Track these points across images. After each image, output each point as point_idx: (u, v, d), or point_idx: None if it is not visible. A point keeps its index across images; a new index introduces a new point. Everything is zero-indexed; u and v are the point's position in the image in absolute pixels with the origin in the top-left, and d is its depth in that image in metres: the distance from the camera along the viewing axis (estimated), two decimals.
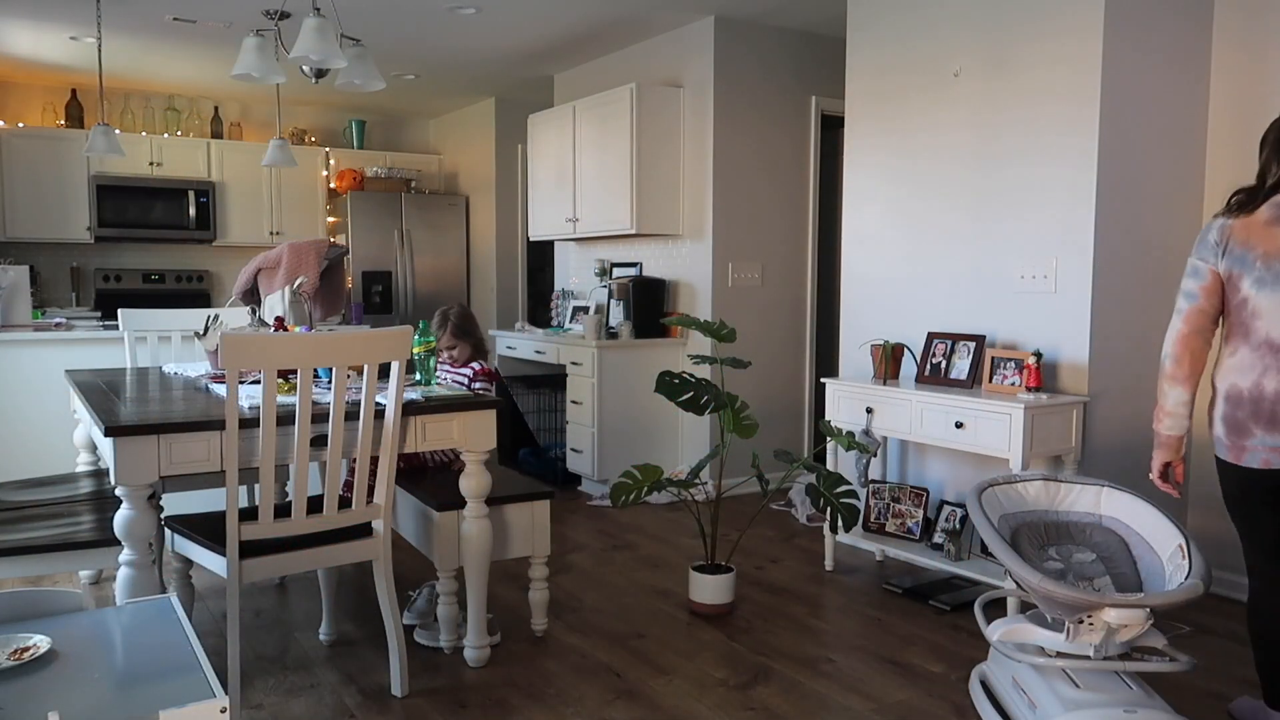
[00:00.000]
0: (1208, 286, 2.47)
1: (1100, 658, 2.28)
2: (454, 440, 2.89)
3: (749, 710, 2.74)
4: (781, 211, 5.47)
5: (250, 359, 2.42)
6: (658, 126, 5.33)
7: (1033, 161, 3.53)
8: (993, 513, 2.53)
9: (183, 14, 5.08)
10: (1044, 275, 3.51)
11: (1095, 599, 2.22)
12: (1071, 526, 2.58)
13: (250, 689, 2.85)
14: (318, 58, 3.33)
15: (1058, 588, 2.22)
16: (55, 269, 6.96)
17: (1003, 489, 2.62)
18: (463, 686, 2.88)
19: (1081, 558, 2.51)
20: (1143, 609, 2.20)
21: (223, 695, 1.33)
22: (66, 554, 2.64)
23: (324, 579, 3.19)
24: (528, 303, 7.65)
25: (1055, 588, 2.22)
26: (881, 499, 3.90)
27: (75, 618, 1.67)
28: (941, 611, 3.52)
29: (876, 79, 4.17)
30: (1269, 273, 2.37)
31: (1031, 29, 3.51)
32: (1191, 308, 2.49)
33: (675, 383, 3.55)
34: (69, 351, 4.42)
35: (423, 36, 5.57)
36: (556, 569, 3.98)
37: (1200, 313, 2.48)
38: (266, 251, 4.36)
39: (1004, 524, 2.55)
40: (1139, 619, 2.22)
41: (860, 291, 4.31)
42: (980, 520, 2.44)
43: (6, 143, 6.53)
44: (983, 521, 2.44)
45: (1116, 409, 3.50)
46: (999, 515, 2.56)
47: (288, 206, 7.51)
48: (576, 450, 5.36)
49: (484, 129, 7.58)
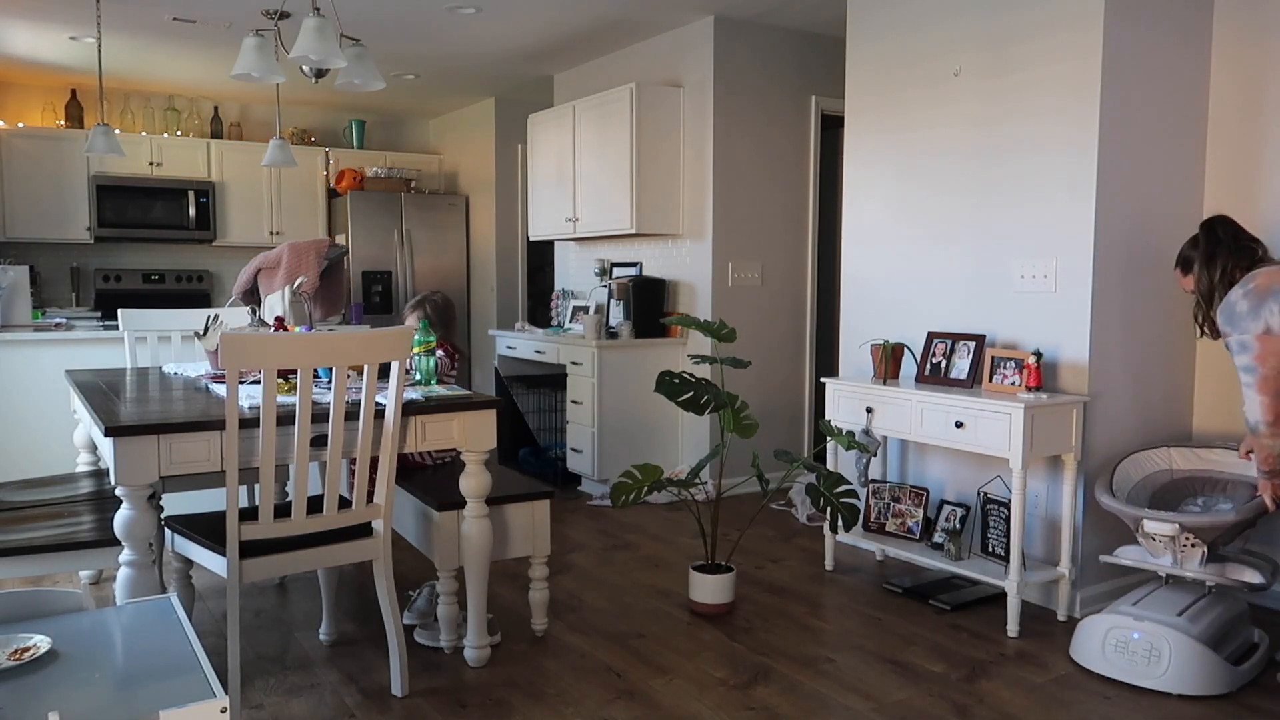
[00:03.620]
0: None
1: (1175, 569, 2.93)
2: (454, 440, 2.89)
3: (749, 710, 2.74)
4: (781, 211, 5.47)
5: (250, 359, 2.42)
6: (657, 126, 5.33)
7: (1033, 159, 3.53)
8: (1134, 476, 3.28)
9: (183, 14, 5.08)
10: (1044, 275, 3.51)
11: (1136, 512, 2.98)
12: (1225, 482, 3.16)
13: (250, 689, 2.85)
14: (318, 58, 3.33)
15: (1114, 503, 3.06)
16: (55, 269, 6.96)
17: (1145, 455, 3.33)
18: (463, 686, 2.88)
19: (1222, 506, 3.04)
20: (1174, 524, 2.86)
21: (223, 695, 1.33)
22: (66, 554, 2.64)
23: (324, 579, 3.19)
24: (528, 302, 7.65)
25: (1112, 503, 3.06)
26: (881, 499, 3.90)
27: (75, 618, 1.67)
28: (941, 611, 3.52)
29: (876, 76, 4.17)
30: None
31: (1031, 25, 3.51)
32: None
33: (675, 382, 3.55)
34: (69, 351, 4.42)
35: (423, 36, 5.57)
36: (556, 569, 3.98)
37: None
38: (266, 251, 4.37)
39: (1147, 482, 3.26)
40: (1171, 531, 2.87)
41: (860, 291, 4.31)
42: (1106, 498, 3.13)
43: (6, 143, 6.53)
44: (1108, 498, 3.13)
45: (1116, 409, 3.50)
46: (1143, 475, 3.28)
47: (288, 206, 7.51)
48: (576, 450, 5.36)
49: (484, 129, 7.57)
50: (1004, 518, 3.43)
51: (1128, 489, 3.26)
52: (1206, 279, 2.89)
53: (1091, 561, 3.45)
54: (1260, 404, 2.66)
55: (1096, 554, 3.36)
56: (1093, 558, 3.41)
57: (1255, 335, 2.66)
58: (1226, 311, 2.77)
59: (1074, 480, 3.37)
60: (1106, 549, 3.33)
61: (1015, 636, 3.27)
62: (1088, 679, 2.95)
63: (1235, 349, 2.73)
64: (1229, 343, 2.76)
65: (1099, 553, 3.35)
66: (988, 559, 3.51)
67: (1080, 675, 2.98)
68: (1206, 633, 2.88)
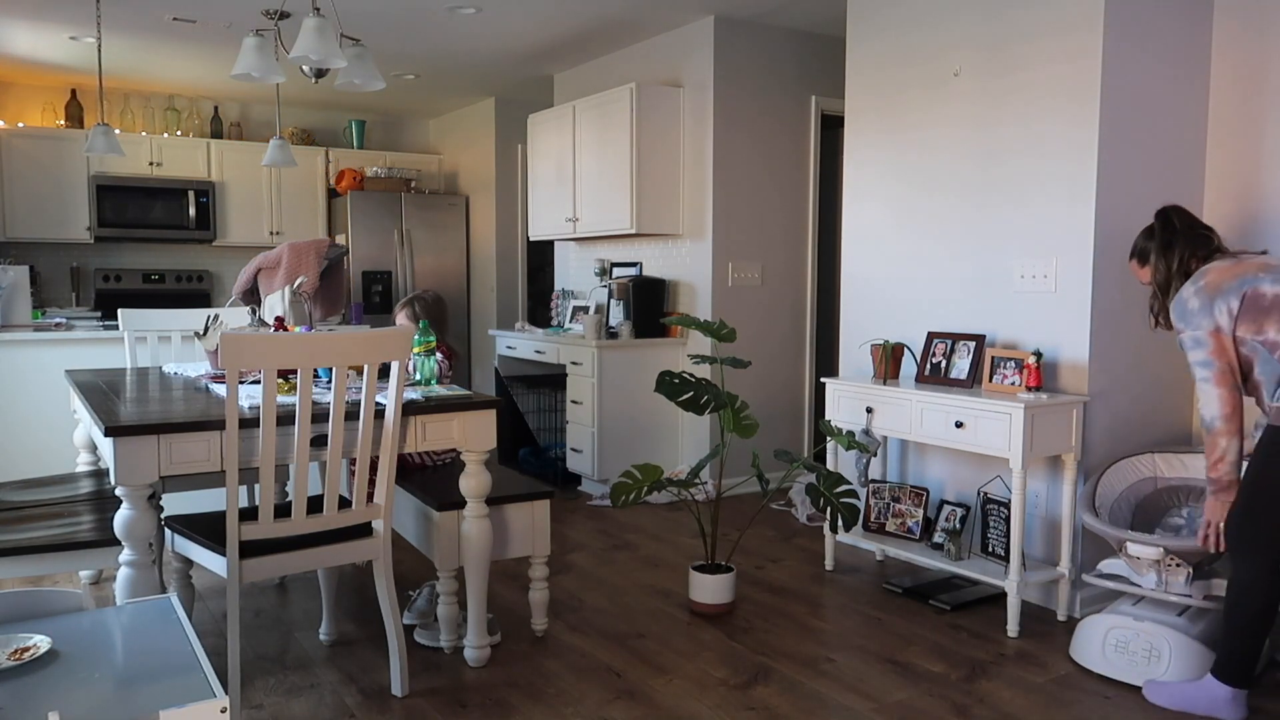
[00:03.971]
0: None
1: (1159, 592, 2.91)
2: (454, 440, 2.89)
3: (749, 710, 2.74)
4: (781, 211, 5.47)
5: (250, 359, 2.42)
6: (657, 126, 5.33)
7: (1033, 159, 3.53)
8: (1118, 486, 3.26)
9: (183, 14, 5.08)
10: (1044, 275, 3.51)
11: (1119, 534, 2.96)
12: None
13: (250, 689, 2.85)
14: (318, 58, 3.33)
15: (1096, 523, 3.04)
16: (55, 269, 6.96)
17: (1129, 462, 3.31)
18: (463, 686, 2.88)
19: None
20: (1159, 547, 2.85)
21: (223, 695, 1.33)
22: (66, 554, 2.64)
23: (324, 579, 3.19)
24: (528, 302, 7.65)
25: (1095, 523, 3.05)
26: (881, 499, 3.90)
27: (75, 618, 1.67)
28: (941, 611, 3.52)
29: (876, 76, 4.17)
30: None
31: (1031, 25, 3.51)
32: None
33: (675, 382, 3.55)
34: (69, 351, 4.42)
35: (423, 36, 5.57)
36: (556, 569, 3.98)
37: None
38: (266, 251, 4.37)
39: (1130, 493, 3.23)
40: (1155, 555, 2.85)
41: (860, 291, 4.31)
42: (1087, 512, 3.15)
43: (6, 143, 6.53)
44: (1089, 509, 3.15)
45: (1116, 409, 3.50)
46: (1126, 486, 3.25)
47: (288, 206, 7.50)
48: (576, 450, 5.36)
49: (484, 129, 7.57)
50: (1004, 518, 3.43)
51: (1111, 501, 3.23)
52: (1164, 268, 2.86)
53: (1091, 562, 3.45)
54: (1217, 397, 2.64)
55: (1096, 555, 3.36)
56: (1093, 558, 3.41)
57: (1208, 331, 2.65)
58: (1179, 308, 2.74)
59: (1074, 480, 3.37)
60: (1106, 549, 3.33)
61: (1015, 636, 3.27)
62: (1088, 679, 2.95)
63: (1189, 345, 2.70)
64: (1182, 339, 2.73)
65: (1098, 553, 3.35)
66: (988, 559, 3.51)
67: (1080, 675, 2.98)
68: (1206, 632, 2.88)
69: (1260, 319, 2.60)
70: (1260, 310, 2.60)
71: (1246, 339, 2.62)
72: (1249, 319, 2.61)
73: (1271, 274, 2.64)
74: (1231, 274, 2.69)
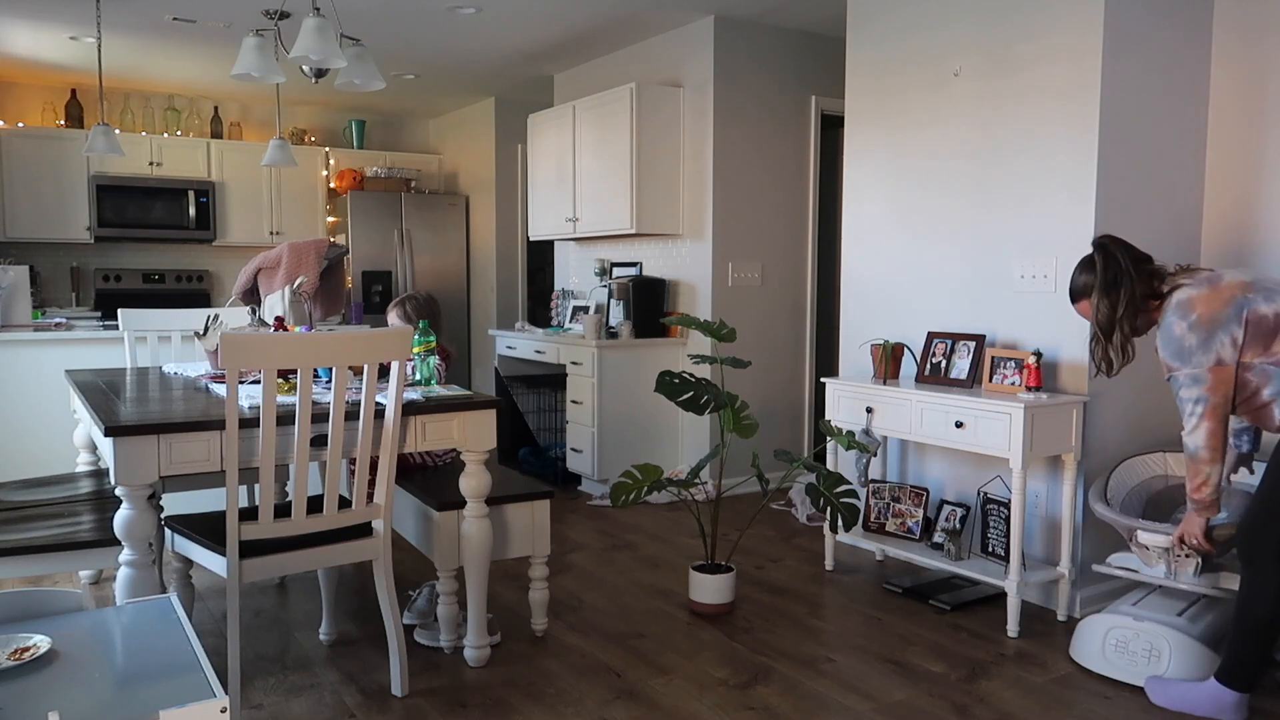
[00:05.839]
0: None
1: (1169, 581, 2.93)
2: (454, 440, 2.89)
3: (749, 710, 2.74)
4: (781, 211, 5.47)
5: (250, 359, 2.42)
6: (657, 126, 5.33)
7: (1033, 159, 3.53)
8: (1129, 482, 3.27)
9: (183, 14, 5.08)
10: (1044, 275, 3.51)
11: (1130, 522, 2.97)
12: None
13: (250, 689, 2.85)
14: (318, 58, 3.33)
15: (1108, 512, 3.06)
16: (55, 269, 6.96)
17: (1140, 460, 3.32)
18: (463, 686, 2.88)
19: (1219, 517, 2.88)
20: (1169, 535, 2.85)
21: (223, 695, 1.33)
22: (66, 554, 2.64)
23: (324, 579, 3.19)
24: (528, 302, 7.65)
25: (1106, 512, 3.06)
26: (881, 499, 3.90)
27: (75, 618, 1.67)
28: (941, 611, 3.52)
29: (876, 76, 4.17)
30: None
31: (1032, 25, 3.51)
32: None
33: (675, 382, 3.55)
34: (69, 351, 4.42)
35: (423, 36, 5.57)
36: (556, 569, 3.98)
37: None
38: (266, 251, 4.37)
39: (1141, 489, 3.24)
40: (1165, 543, 2.86)
41: (860, 291, 4.31)
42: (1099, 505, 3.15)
43: (6, 143, 6.53)
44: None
45: (1116, 409, 3.50)
46: (1138, 482, 3.27)
47: (288, 206, 7.51)
48: (576, 450, 5.36)
49: (484, 129, 7.57)
50: (1004, 518, 3.43)
51: (1122, 496, 3.26)
52: (1107, 309, 2.73)
53: (1091, 562, 3.44)
54: (1207, 430, 2.61)
55: (1096, 554, 3.36)
56: (1092, 558, 3.41)
57: (1207, 368, 2.59)
58: (1172, 348, 2.65)
59: (1074, 480, 3.37)
60: (1106, 549, 3.33)
61: (1015, 636, 3.27)
62: (1088, 679, 2.95)
63: (1185, 382, 2.62)
64: (1176, 377, 2.65)
65: (1098, 553, 3.35)
66: (988, 559, 3.51)
67: (1080, 675, 2.98)
68: (1206, 633, 2.88)
69: (1268, 340, 2.57)
70: (1265, 332, 2.57)
71: (1254, 363, 2.59)
72: (1255, 343, 2.58)
73: (1260, 292, 2.61)
74: (1220, 301, 2.62)
